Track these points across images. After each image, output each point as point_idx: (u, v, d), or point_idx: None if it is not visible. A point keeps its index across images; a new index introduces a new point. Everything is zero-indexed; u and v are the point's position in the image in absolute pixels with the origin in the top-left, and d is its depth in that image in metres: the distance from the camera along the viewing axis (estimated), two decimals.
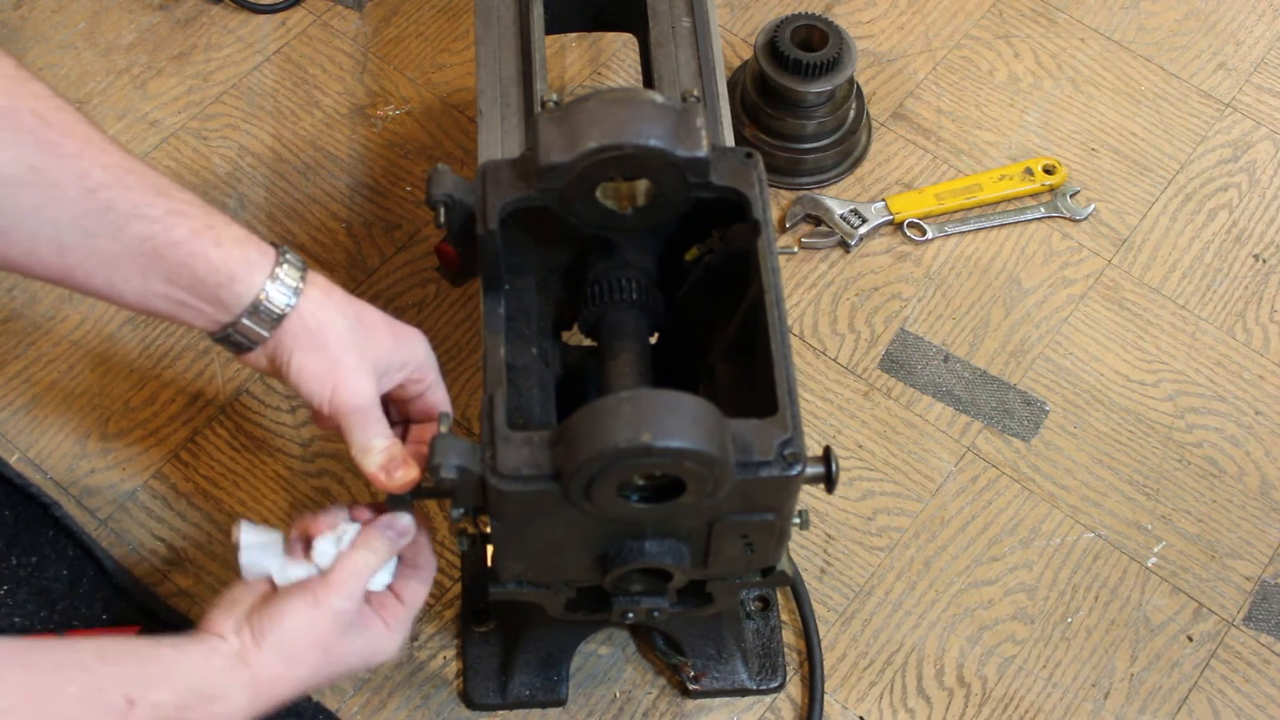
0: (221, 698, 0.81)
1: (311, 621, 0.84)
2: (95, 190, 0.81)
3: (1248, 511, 1.20)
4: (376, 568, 0.88)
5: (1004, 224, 1.34)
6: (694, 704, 1.09)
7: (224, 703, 0.81)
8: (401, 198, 1.33)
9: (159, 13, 1.44)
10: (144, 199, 0.82)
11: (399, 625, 0.90)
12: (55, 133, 0.80)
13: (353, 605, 0.86)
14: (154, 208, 0.82)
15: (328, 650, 0.85)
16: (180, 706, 0.79)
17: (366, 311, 0.89)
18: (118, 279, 0.83)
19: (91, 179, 0.81)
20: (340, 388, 0.85)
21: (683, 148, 0.82)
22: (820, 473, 0.81)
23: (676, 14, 1.05)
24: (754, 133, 1.34)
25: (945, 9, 1.48)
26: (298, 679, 0.84)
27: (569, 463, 0.76)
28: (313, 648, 0.84)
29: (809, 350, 1.26)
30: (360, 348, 0.87)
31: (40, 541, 1.12)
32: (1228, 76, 1.44)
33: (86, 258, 0.82)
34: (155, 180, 0.84)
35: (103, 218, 0.81)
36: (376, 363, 0.87)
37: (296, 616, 0.84)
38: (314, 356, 0.86)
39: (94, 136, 0.82)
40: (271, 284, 0.84)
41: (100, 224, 0.81)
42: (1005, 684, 1.11)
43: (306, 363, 0.86)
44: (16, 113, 0.79)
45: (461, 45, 1.43)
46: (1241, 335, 1.29)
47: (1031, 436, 1.23)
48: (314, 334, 0.85)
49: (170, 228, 0.82)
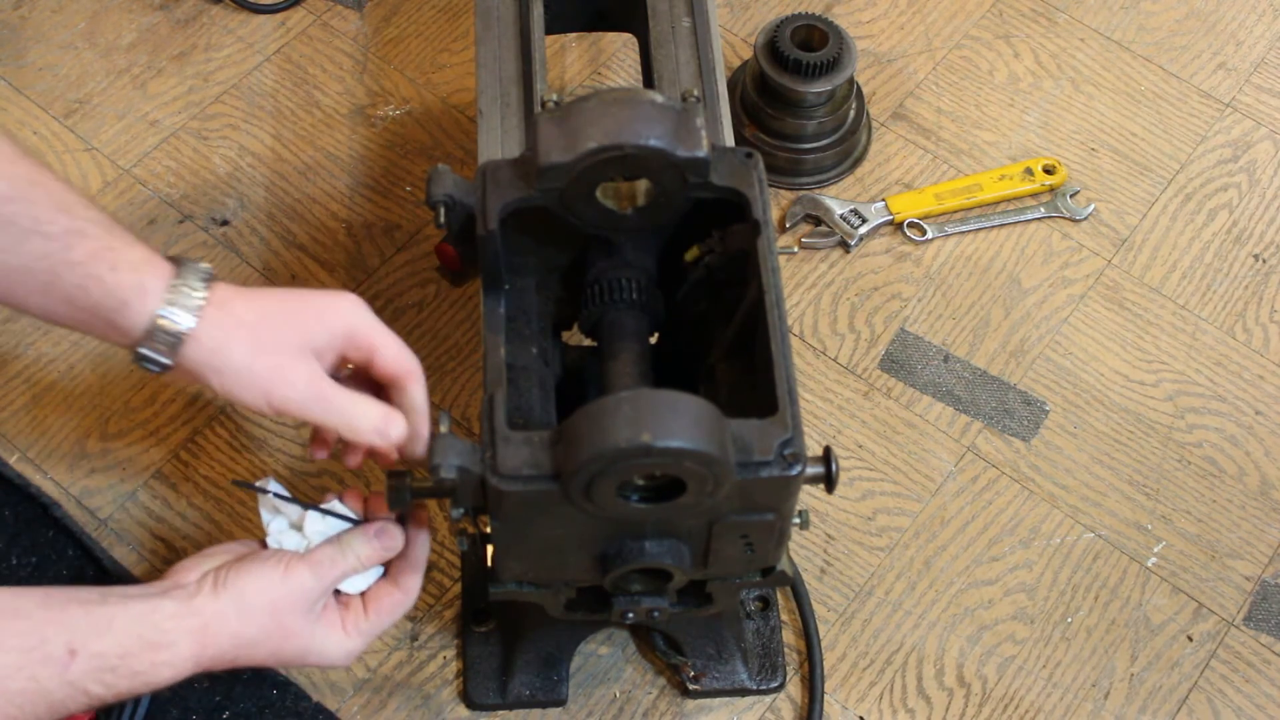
0: (167, 645, 0.81)
1: (274, 586, 0.84)
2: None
3: (1248, 511, 1.20)
4: (356, 566, 0.88)
5: (1004, 224, 1.34)
6: (694, 704, 1.09)
7: (169, 650, 0.81)
8: (401, 198, 1.33)
9: (159, 13, 1.44)
10: (45, 215, 0.81)
11: (358, 633, 0.89)
12: None
13: (319, 587, 0.86)
14: (54, 225, 0.81)
15: (280, 622, 0.85)
16: (123, 655, 0.79)
17: (275, 300, 0.86)
18: (20, 293, 0.82)
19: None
20: (271, 390, 0.84)
21: (683, 148, 0.83)
22: (820, 473, 0.81)
23: (676, 14, 1.05)
24: (754, 133, 1.34)
25: (945, 9, 1.48)
26: (244, 638, 0.84)
27: (569, 463, 0.76)
28: (267, 612, 0.84)
29: (809, 350, 1.26)
30: (275, 343, 0.84)
31: (40, 541, 1.12)
32: (1228, 76, 1.44)
33: None
34: (62, 196, 0.82)
35: (3, 232, 0.80)
36: (301, 345, 0.85)
37: (262, 578, 0.84)
38: (227, 375, 0.84)
39: (5, 149, 0.81)
40: (167, 309, 0.82)
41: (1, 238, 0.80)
42: (1005, 684, 1.11)
43: (225, 383, 0.84)
44: None
45: (461, 45, 1.43)
46: (1241, 335, 1.29)
47: (1031, 436, 1.23)
48: (216, 353, 0.83)
49: (68, 247, 0.81)
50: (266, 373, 0.84)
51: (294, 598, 0.85)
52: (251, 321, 0.85)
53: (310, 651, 0.88)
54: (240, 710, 1.05)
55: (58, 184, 0.83)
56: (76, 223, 0.82)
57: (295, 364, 0.85)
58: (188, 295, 0.83)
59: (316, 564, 0.86)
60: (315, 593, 0.86)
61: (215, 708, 1.05)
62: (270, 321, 0.85)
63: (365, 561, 0.88)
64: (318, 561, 0.86)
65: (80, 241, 0.81)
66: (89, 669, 0.78)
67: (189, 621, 0.82)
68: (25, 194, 0.81)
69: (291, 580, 0.85)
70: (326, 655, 0.89)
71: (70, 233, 0.81)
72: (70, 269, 0.81)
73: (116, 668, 0.79)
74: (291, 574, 0.85)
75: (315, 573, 0.86)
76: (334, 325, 0.87)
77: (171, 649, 0.81)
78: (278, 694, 1.06)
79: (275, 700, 1.06)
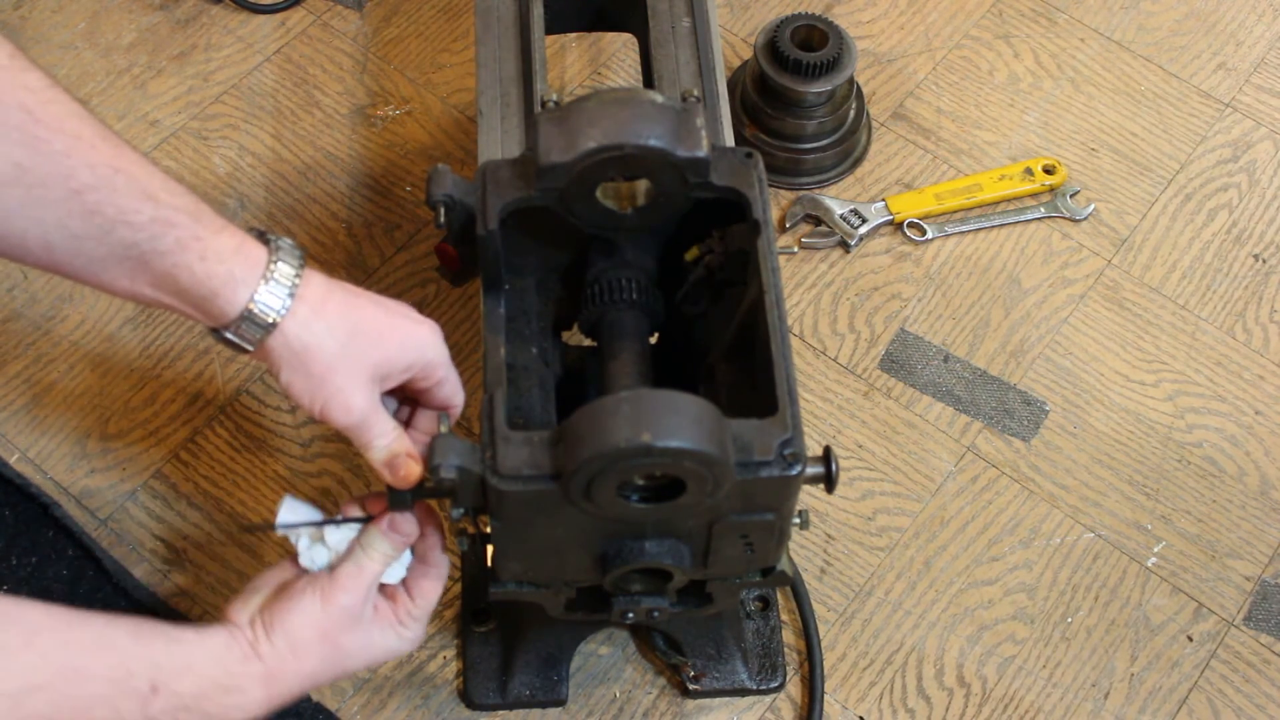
0: (238, 689, 0.82)
1: (318, 617, 0.85)
2: (81, 192, 0.78)
3: (1248, 511, 1.20)
4: (383, 563, 0.88)
5: (1004, 224, 1.34)
6: (694, 704, 1.09)
7: (240, 694, 0.82)
8: (401, 198, 1.33)
9: (159, 13, 1.44)
10: (130, 204, 0.80)
11: (411, 621, 0.90)
12: (43, 128, 0.77)
13: (359, 600, 0.87)
14: (140, 214, 0.80)
15: (336, 644, 0.86)
16: (198, 696, 0.80)
17: (367, 317, 0.86)
18: (106, 279, 0.82)
19: (77, 179, 0.78)
20: (328, 406, 0.85)
21: (683, 148, 0.82)
22: (820, 473, 0.81)
23: (676, 14, 1.05)
24: (754, 133, 1.34)
25: (945, 9, 1.48)
26: (306, 672, 0.85)
27: (569, 463, 0.76)
28: (320, 642, 0.85)
29: (809, 350, 1.26)
30: (353, 362, 0.85)
31: (40, 541, 1.12)
32: (1228, 76, 1.44)
33: (73, 257, 0.81)
34: (145, 183, 0.81)
35: (88, 221, 0.79)
36: (375, 370, 0.86)
37: (304, 613, 0.85)
38: (299, 376, 0.84)
39: (85, 132, 0.79)
40: (259, 296, 0.82)
41: (86, 227, 0.79)
42: (1005, 684, 1.11)
43: (293, 381, 0.85)
44: (3, 106, 0.76)
45: (461, 45, 1.43)
46: (1241, 335, 1.29)
47: (1031, 436, 1.23)
48: (298, 354, 0.84)
49: (155, 236, 0.80)
50: (333, 390, 0.85)
51: (340, 619, 0.86)
52: (341, 336, 0.85)
53: (374, 657, 0.89)
54: None
55: (141, 168, 0.81)
56: (163, 210, 0.81)
57: (360, 390, 0.86)
58: (279, 285, 0.83)
59: (347, 579, 0.87)
60: (358, 605, 0.87)
61: None
62: (357, 341, 0.86)
63: (389, 556, 0.89)
64: (347, 576, 0.87)
65: (167, 230, 0.81)
66: (168, 706, 0.79)
67: (255, 667, 0.83)
68: (109, 182, 0.79)
69: (331, 606, 0.86)
70: (391, 650, 0.90)
71: (156, 221, 0.81)
72: (158, 258, 0.81)
73: (190, 707, 0.80)
74: (330, 600, 0.86)
75: (349, 588, 0.87)
76: (412, 356, 0.88)
77: (243, 694, 0.83)
78: None
79: None
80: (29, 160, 0.77)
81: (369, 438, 0.86)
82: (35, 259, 0.81)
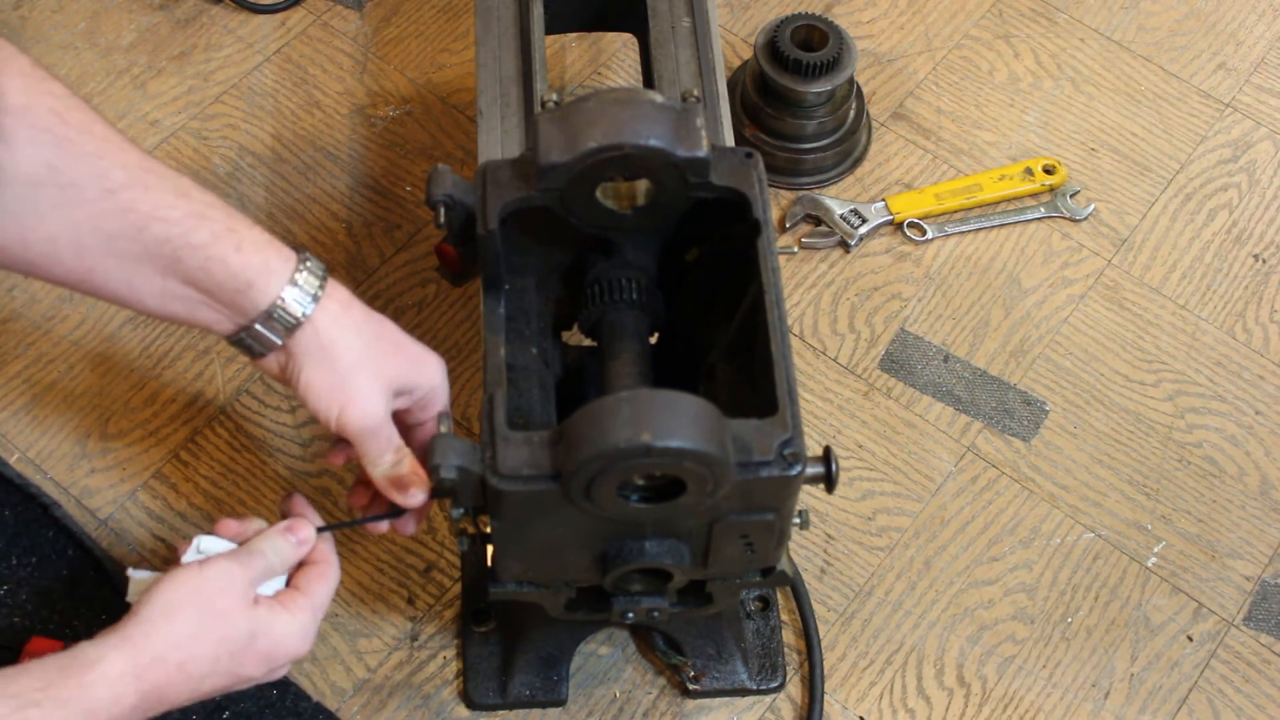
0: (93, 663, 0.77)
1: (193, 577, 0.82)
2: (115, 190, 0.80)
3: (1248, 511, 1.20)
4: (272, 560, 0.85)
5: (1004, 224, 1.34)
6: (694, 704, 1.09)
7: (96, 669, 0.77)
8: (401, 198, 1.33)
9: (159, 13, 1.44)
10: (164, 200, 0.81)
11: (299, 610, 0.85)
12: (73, 131, 0.79)
13: (241, 571, 0.83)
14: (174, 209, 0.81)
15: (212, 604, 0.82)
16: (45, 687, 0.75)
17: (387, 330, 0.88)
18: (137, 280, 0.83)
19: (111, 179, 0.80)
20: (348, 407, 0.85)
21: (683, 148, 0.83)
22: (820, 473, 0.81)
23: (676, 14, 1.05)
24: (754, 133, 1.34)
25: (945, 9, 1.48)
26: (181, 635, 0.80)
27: (569, 463, 0.76)
28: (194, 603, 0.81)
29: (809, 350, 1.26)
30: (374, 367, 0.86)
31: (40, 541, 1.12)
32: (1228, 76, 1.44)
33: (105, 258, 0.81)
34: (175, 181, 0.83)
35: (122, 218, 0.80)
36: (392, 380, 0.87)
37: (177, 577, 0.82)
38: (322, 373, 0.85)
39: (112, 136, 0.81)
40: (289, 290, 0.83)
41: (120, 224, 0.80)
42: (1005, 684, 1.11)
43: (315, 378, 0.85)
44: (34, 110, 0.77)
45: (461, 45, 1.43)
46: (1241, 335, 1.29)
47: (1031, 436, 1.23)
48: (325, 349, 0.84)
49: (190, 230, 0.81)
50: (354, 390, 0.85)
51: (218, 582, 0.82)
52: (367, 338, 0.86)
53: (258, 635, 0.83)
54: (240, 710, 1.05)
55: (169, 169, 0.83)
56: (196, 205, 0.82)
57: (380, 395, 0.86)
58: (310, 281, 0.84)
59: (234, 554, 0.84)
60: (240, 578, 0.83)
61: (215, 708, 1.05)
62: (380, 347, 0.86)
63: (282, 556, 0.86)
64: (235, 552, 0.84)
65: (202, 224, 0.82)
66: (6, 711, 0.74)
67: (111, 638, 0.79)
68: (141, 180, 0.81)
69: (209, 568, 0.82)
70: (277, 633, 0.84)
71: (191, 216, 0.82)
72: (193, 251, 0.81)
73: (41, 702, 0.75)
74: (208, 564, 0.83)
75: (234, 558, 0.83)
76: (422, 379, 0.89)
77: (101, 664, 0.77)
78: (278, 694, 1.06)
79: (275, 700, 1.06)
80: (61, 161, 0.79)
81: (378, 449, 0.86)
82: (65, 267, 0.82)
